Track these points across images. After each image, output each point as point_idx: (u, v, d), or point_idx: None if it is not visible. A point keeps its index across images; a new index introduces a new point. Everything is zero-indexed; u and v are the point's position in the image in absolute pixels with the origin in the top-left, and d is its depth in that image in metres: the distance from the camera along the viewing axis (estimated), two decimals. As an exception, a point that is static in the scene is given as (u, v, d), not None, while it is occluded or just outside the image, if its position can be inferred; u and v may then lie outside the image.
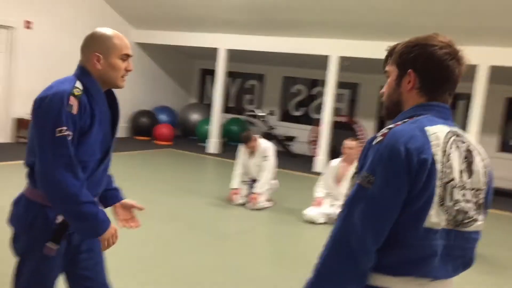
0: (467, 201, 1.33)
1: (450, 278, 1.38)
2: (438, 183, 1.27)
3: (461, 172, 1.33)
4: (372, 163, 1.28)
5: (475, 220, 1.35)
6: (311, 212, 5.36)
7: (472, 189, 1.35)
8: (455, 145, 1.33)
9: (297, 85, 11.78)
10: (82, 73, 1.85)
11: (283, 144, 10.81)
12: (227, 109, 12.19)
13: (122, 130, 10.79)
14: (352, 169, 5.14)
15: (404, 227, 1.28)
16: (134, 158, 8.56)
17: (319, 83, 10.98)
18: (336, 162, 5.54)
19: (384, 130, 1.32)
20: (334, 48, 8.75)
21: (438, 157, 1.28)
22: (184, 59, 12.35)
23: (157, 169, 7.89)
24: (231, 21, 9.20)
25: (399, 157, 1.24)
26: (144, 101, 11.23)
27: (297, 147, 11.01)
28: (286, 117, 11.86)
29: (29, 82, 8.46)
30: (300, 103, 11.76)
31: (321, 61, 9.02)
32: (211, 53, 10.02)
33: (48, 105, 1.72)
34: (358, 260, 1.27)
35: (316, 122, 10.36)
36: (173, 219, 5.04)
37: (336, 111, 11.08)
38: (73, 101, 1.73)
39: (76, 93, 1.75)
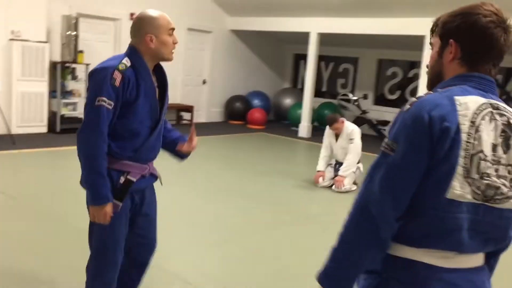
0: (500, 176, 1.27)
1: (478, 253, 1.35)
2: (462, 153, 1.24)
3: (495, 146, 1.27)
4: (396, 130, 1.28)
5: (510, 198, 1.29)
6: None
7: (509, 165, 1.29)
8: (488, 117, 1.28)
9: (393, 67, 11.42)
10: (132, 51, 2.11)
11: (376, 128, 10.59)
12: (320, 94, 12.17)
13: (217, 114, 11.26)
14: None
15: (426, 197, 1.26)
16: (228, 141, 8.93)
17: (416, 65, 10.55)
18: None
19: (413, 99, 1.30)
20: (429, 27, 8.34)
21: (465, 127, 1.24)
22: (277, 45, 12.50)
23: (248, 151, 8.17)
24: (322, 5, 9.15)
25: (422, 124, 1.23)
26: (238, 86, 11.58)
27: (392, 132, 10.70)
28: (381, 100, 11.55)
29: (133, 70, 9.13)
30: (396, 86, 11.40)
31: (417, 42, 8.66)
32: (304, 37, 10.03)
33: (95, 77, 2.01)
34: (378, 227, 1.27)
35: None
36: (259, 198, 5.23)
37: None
38: (117, 75, 2.00)
39: (121, 68, 2.02)
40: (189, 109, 10.19)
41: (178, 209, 4.67)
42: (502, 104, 1.33)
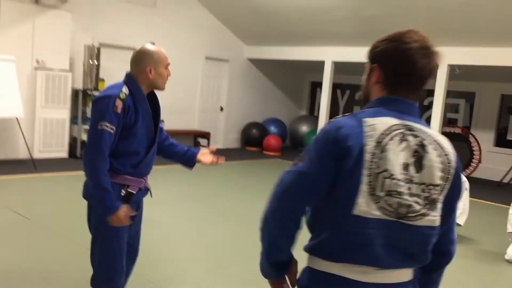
0: (413, 194, 1.31)
1: (400, 269, 1.36)
2: (366, 172, 1.28)
3: (407, 165, 1.31)
4: (310, 145, 1.37)
5: (424, 215, 1.33)
6: None
7: (422, 183, 1.33)
8: (399, 137, 1.31)
9: (409, 95, 11.49)
10: (130, 80, 2.33)
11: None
12: (336, 121, 12.30)
13: (234, 140, 11.45)
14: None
15: (337, 213, 1.32)
16: (243, 166, 9.07)
17: (432, 93, 10.60)
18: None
19: (331, 120, 1.38)
20: (443, 56, 8.43)
21: (369, 147, 1.29)
22: (294, 73, 12.73)
23: (262, 177, 8.27)
24: (336, 34, 9.35)
25: (328, 141, 1.31)
26: (255, 113, 11.79)
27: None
28: (397, 128, 11.60)
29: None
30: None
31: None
32: (321, 66, 10.22)
33: (99, 104, 2.22)
34: (273, 232, 1.38)
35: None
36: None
37: (451, 122, 10.61)
38: (118, 103, 2.21)
39: (121, 97, 2.23)
40: (206, 135, 10.41)
41: (194, 232, 4.80)
42: (419, 126, 1.37)
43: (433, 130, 1.41)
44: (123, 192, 2.33)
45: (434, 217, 1.35)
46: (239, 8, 9.78)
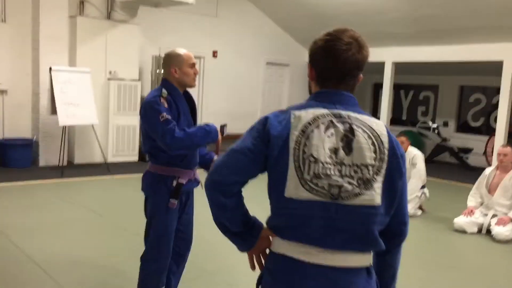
0: (345, 175, 1.39)
1: (346, 252, 1.41)
2: (291, 158, 1.39)
3: (336, 149, 1.40)
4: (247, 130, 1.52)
5: (359, 194, 1.38)
6: (460, 220, 5.25)
7: (354, 164, 1.40)
8: (325, 125, 1.41)
9: (476, 94, 11.13)
10: (165, 83, 2.64)
11: (457, 156, 10.33)
12: (400, 122, 12.15)
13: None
14: (508, 177, 4.96)
15: (272, 195, 1.45)
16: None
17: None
18: (489, 170, 5.33)
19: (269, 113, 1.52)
20: (508, 53, 8.18)
21: (294, 136, 1.40)
22: (356, 75, 12.69)
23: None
24: (395, 35, 9.31)
25: (259, 128, 1.46)
26: (316, 116, 11.90)
27: (476, 160, 10.37)
28: (463, 128, 11.27)
29: (217, 102, 9.90)
30: (480, 113, 11.07)
31: (498, 68, 8.49)
32: (383, 67, 10.17)
33: (150, 106, 2.52)
34: (209, 202, 1.50)
35: (494, 133, 9.66)
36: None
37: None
38: (163, 101, 2.52)
39: (163, 95, 2.54)
40: (268, 138, 10.67)
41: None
42: (350, 113, 1.46)
43: (367, 116, 1.49)
44: (174, 183, 2.60)
45: (371, 196, 1.39)
46: (298, 14, 9.99)
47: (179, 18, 9.22)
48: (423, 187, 5.89)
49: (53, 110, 7.18)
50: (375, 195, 1.40)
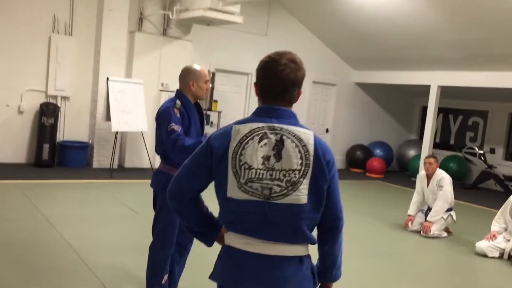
0: (275, 179, 1.63)
1: (281, 243, 1.67)
2: (230, 165, 1.65)
3: (268, 157, 1.64)
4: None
5: (286, 195, 1.63)
6: (482, 244, 5.29)
7: (283, 170, 1.63)
8: (259, 136, 1.65)
9: (528, 122, 10.86)
10: (180, 95, 3.01)
11: (503, 184, 10.11)
12: (447, 146, 12.03)
13: (338, 162, 11.78)
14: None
15: (218, 196, 1.72)
16: (345, 187, 9.36)
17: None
18: (514, 196, 5.34)
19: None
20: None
21: (232, 146, 1.66)
22: (404, 97, 12.73)
23: (362, 197, 8.53)
24: (441, 59, 9.35)
25: (204, 144, 1.74)
26: (360, 136, 12.04)
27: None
28: (512, 156, 11.01)
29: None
30: (531, 142, 10.79)
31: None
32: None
33: (164, 114, 2.90)
34: (171, 205, 1.81)
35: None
36: (348, 235, 5.67)
37: None
38: (176, 111, 2.89)
39: (177, 106, 2.91)
40: (310, 155, 10.91)
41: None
42: (283, 125, 1.67)
43: (299, 128, 1.70)
44: None
45: (298, 196, 1.64)
46: (346, 35, 10.26)
47: (230, 35, 9.74)
48: (450, 209, 5.95)
49: (108, 117, 7.83)
50: (301, 195, 1.64)
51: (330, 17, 9.84)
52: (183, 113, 2.94)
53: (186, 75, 3.03)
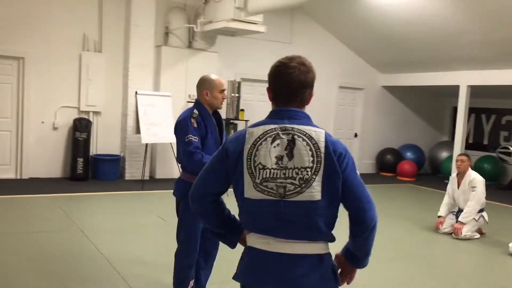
0: (288, 177, 1.68)
1: (299, 241, 1.72)
2: (245, 166, 1.71)
3: (281, 157, 1.69)
4: None
5: (300, 192, 1.67)
6: (516, 245, 5.17)
7: (295, 168, 1.68)
8: (271, 138, 1.71)
9: None
10: (197, 104, 3.09)
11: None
12: (481, 147, 11.78)
13: (368, 166, 11.70)
14: None
15: (236, 196, 1.79)
16: (376, 191, 9.29)
17: None
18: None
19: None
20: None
21: (247, 149, 1.72)
22: (434, 98, 12.55)
23: (393, 200, 8.45)
24: (469, 58, 9.20)
25: (220, 148, 1.82)
26: (390, 139, 11.92)
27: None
28: (550, 154, 10.67)
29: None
30: None
31: None
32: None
33: (181, 125, 2.99)
34: (194, 208, 1.90)
35: None
36: (377, 237, 5.64)
37: None
38: (193, 121, 2.96)
39: (194, 116, 2.99)
40: (339, 160, 10.87)
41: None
42: (293, 125, 1.73)
43: (310, 127, 1.74)
44: None
45: (311, 193, 1.68)
46: (371, 39, 10.22)
47: (254, 45, 9.85)
48: (481, 210, 5.84)
49: (138, 130, 8.04)
50: (314, 192, 1.68)
51: (355, 21, 9.84)
52: (200, 122, 3.01)
53: (201, 84, 3.11)
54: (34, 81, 8.06)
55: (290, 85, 1.77)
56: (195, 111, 3.07)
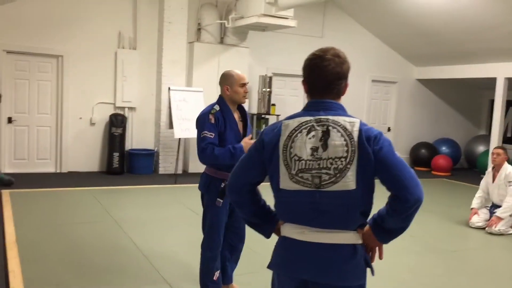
0: (323, 168, 1.70)
1: (334, 230, 1.75)
2: (281, 158, 1.75)
3: (316, 148, 1.72)
4: None
5: (335, 182, 1.70)
6: (552, 241, 5.05)
7: (330, 158, 1.70)
8: (307, 129, 1.73)
9: None
10: (220, 99, 3.14)
11: None
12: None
13: (402, 160, 11.53)
14: None
15: (272, 187, 1.82)
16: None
17: None
18: None
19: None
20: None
21: (282, 141, 1.76)
22: (470, 91, 12.26)
23: (426, 195, 8.33)
24: (506, 50, 8.95)
25: (257, 139, 1.87)
26: (424, 133, 11.73)
27: None
28: None
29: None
30: None
31: None
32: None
33: (199, 120, 3.07)
34: (231, 198, 1.95)
35: None
36: (408, 231, 5.61)
37: None
38: (211, 117, 3.01)
39: (212, 111, 3.04)
40: (372, 155, 10.79)
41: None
42: (328, 117, 1.74)
43: (344, 117, 1.75)
44: (222, 185, 3.08)
45: (346, 182, 1.70)
46: (405, 31, 10.06)
47: (286, 39, 9.87)
48: (517, 205, 5.72)
49: (171, 125, 8.22)
50: (349, 181, 1.69)
51: (388, 14, 9.72)
52: (218, 117, 3.05)
53: (222, 80, 3.16)
54: (72, 78, 8.35)
55: (326, 78, 1.78)
56: (216, 106, 3.11)
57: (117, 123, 8.42)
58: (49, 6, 8.06)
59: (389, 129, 11.45)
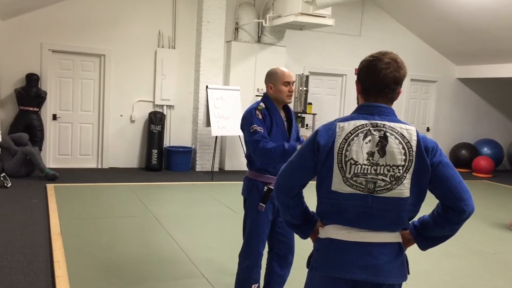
0: (379, 174, 1.71)
1: (380, 231, 1.76)
2: (336, 160, 1.73)
3: (372, 153, 1.71)
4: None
5: (390, 189, 1.71)
6: None
7: (387, 165, 1.70)
8: (363, 133, 1.72)
9: None
10: (265, 97, 3.04)
11: None
12: None
13: (441, 161, 11.29)
14: None
15: (322, 189, 1.79)
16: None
17: None
18: None
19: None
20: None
21: (338, 143, 1.74)
22: (514, 91, 11.89)
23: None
24: (553, 47, 8.64)
25: (311, 139, 1.82)
26: (465, 134, 11.45)
27: None
28: None
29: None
30: None
31: None
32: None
33: (246, 116, 2.97)
34: (277, 201, 1.92)
35: None
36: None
37: None
38: (258, 112, 2.92)
39: (259, 108, 2.95)
40: (410, 155, 10.62)
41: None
42: (384, 122, 1.74)
43: (401, 124, 1.75)
44: (265, 188, 2.95)
45: (401, 190, 1.71)
46: (445, 29, 9.86)
47: (323, 38, 9.84)
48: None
49: (208, 123, 8.33)
50: (404, 189, 1.72)
51: (427, 11, 9.53)
52: (265, 114, 2.94)
53: (266, 78, 3.05)
54: (114, 77, 8.59)
55: (383, 81, 1.77)
56: (261, 104, 3.01)
57: (156, 121, 8.61)
58: (92, 7, 8.32)
59: (428, 129, 11.24)
